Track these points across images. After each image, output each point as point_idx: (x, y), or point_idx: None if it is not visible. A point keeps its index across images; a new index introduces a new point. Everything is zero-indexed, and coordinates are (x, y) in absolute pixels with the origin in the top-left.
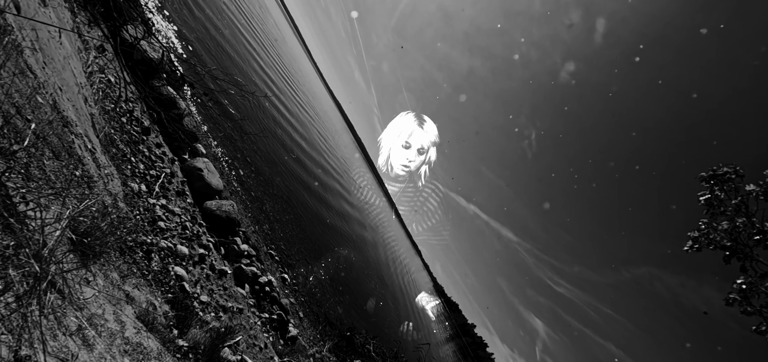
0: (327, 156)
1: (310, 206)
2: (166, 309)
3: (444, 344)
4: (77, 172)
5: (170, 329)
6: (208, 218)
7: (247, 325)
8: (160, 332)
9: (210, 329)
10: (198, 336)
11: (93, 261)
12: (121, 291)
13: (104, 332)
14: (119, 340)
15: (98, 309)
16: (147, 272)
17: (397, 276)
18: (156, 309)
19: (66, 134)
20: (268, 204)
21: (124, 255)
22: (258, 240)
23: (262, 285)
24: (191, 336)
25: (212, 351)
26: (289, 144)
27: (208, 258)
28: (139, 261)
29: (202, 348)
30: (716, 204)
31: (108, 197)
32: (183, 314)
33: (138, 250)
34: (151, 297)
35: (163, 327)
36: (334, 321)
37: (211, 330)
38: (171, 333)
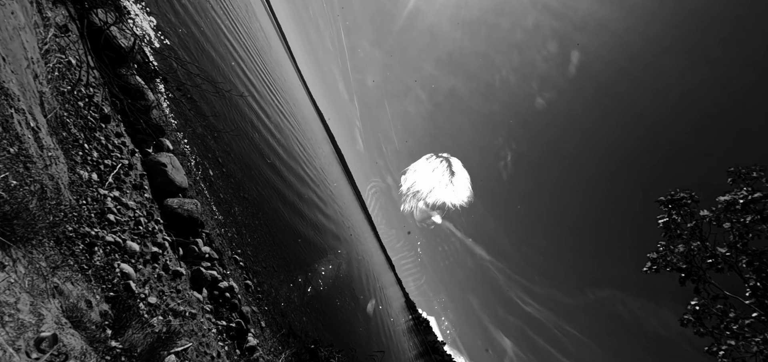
0: (305, 165)
1: (283, 214)
2: (105, 309)
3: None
4: (12, 149)
5: (103, 329)
6: (168, 216)
7: (200, 332)
8: (90, 331)
9: (150, 332)
10: (136, 339)
11: (15, 245)
12: (48, 283)
13: (11, 322)
14: (31, 333)
15: (10, 297)
16: (87, 266)
17: (369, 291)
18: (91, 306)
19: (3, 107)
20: (238, 208)
21: (61, 245)
22: (222, 244)
23: (222, 290)
24: (127, 338)
25: (151, 355)
26: (266, 149)
27: (162, 258)
28: (78, 254)
29: (138, 351)
30: (673, 228)
31: (48, 180)
32: (124, 315)
33: (78, 242)
34: (86, 293)
35: (95, 326)
36: (298, 333)
37: (151, 333)
38: (103, 333)
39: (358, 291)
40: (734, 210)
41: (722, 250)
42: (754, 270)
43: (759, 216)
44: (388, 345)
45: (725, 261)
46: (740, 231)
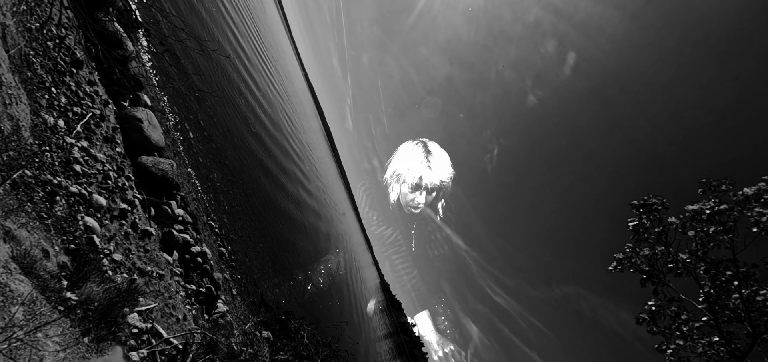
0: (291, 139)
1: (264, 186)
2: (64, 260)
3: (382, 340)
4: None
5: (59, 279)
6: (141, 174)
7: (167, 293)
8: (43, 279)
9: (111, 288)
10: (94, 293)
11: None
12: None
13: None
14: None
15: None
16: (46, 215)
17: (346, 270)
18: (48, 255)
19: None
20: (217, 174)
21: (18, 190)
22: (198, 209)
23: (194, 255)
24: (85, 291)
25: (109, 310)
26: (251, 118)
27: (131, 216)
28: (37, 202)
29: (96, 305)
30: (641, 231)
31: (6, 120)
32: (85, 268)
33: (38, 189)
34: (44, 242)
35: (50, 275)
36: (270, 303)
37: (111, 288)
38: (58, 283)
39: (335, 270)
40: (700, 219)
41: (684, 256)
42: (709, 277)
43: (722, 227)
44: (359, 323)
45: (685, 266)
46: (703, 240)
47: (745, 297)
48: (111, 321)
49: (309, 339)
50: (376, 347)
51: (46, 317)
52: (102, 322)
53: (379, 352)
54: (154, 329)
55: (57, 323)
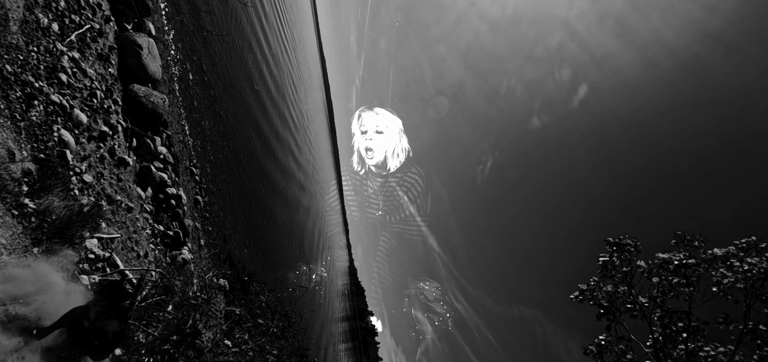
0: (291, 106)
1: (255, 146)
2: (30, 167)
3: (340, 321)
4: None
5: (19, 184)
6: (130, 102)
7: (133, 227)
8: (1, 178)
9: (73, 205)
10: (55, 206)
11: None
12: None
13: None
14: None
15: None
16: (20, 117)
17: (318, 248)
18: (13, 158)
19: None
20: (208, 122)
21: None
22: (182, 152)
23: (169, 196)
24: (46, 203)
25: (66, 227)
26: (256, 76)
27: (111, 141)
28: (13, 101)
29: (53, 218)
30: (610, 268)
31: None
32: (50, 181)
33: (16, 88)
34: (12, 143)
35: (11, 177)
36: (236, 262)
37: (74, 206)
38: (18, 187)
39: (308, 244)
40: (667, 268)
41: (643, 300)
42: (662, 324)
43: (685, 280)
44: (319, 301)
45: (642, 310)
46: (664, 288)
47: (689, 350)
48: (67, 239)
49: (267, 304)
50: (331, 327)
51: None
52: (57, 237)
53: (334, 333)
54: (112, 259)
55: (7, 225)
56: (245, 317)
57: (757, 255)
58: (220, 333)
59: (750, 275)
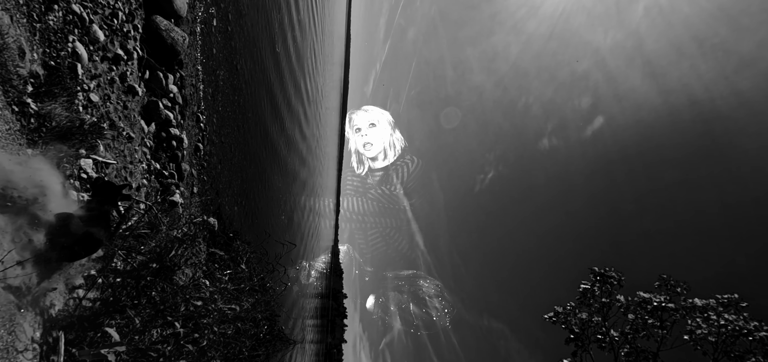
0: (308, 78)
1: (264, 108)
2: (38, 70)
3: (313, 298)
4: None
5: (25, 82)
6: (151, 33)
7: (130, 158)
8: (7, 71)
9: (75, 118)
10: (56, 113)
11: None
12: None
13: None
14: None
15: None
16: (38, 19)
17: (306, 224)
18: (23, 56)
19: None
20: (223, 73)
21: None
22: (192, 96)
23: (171, 136)
24: (47, 107)
25: (64, 137)
26: (279, 38)
27: (123, 66)
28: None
29: (52, 124)
30: (589, 296)
31: None
32: (56, 88)
33: None
34: (24, 42)
35: (17, 74)
36: (224, 217)
37: (75, 118)
38: (23, 85)
39: (298, 216)
40: (645, 308)
41: (615, 334)
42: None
43: (659, 323)
44: (298, 275)
45: (612, 343)
46: (638, 326)
47: None
48: (62, 150)
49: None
50: (304, 302)
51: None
52: (53, 145)
53: (306, 307)
54: None
55: (5, 119)
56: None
57: (736, 313)
58: (200, 272)
59: (724, 331)
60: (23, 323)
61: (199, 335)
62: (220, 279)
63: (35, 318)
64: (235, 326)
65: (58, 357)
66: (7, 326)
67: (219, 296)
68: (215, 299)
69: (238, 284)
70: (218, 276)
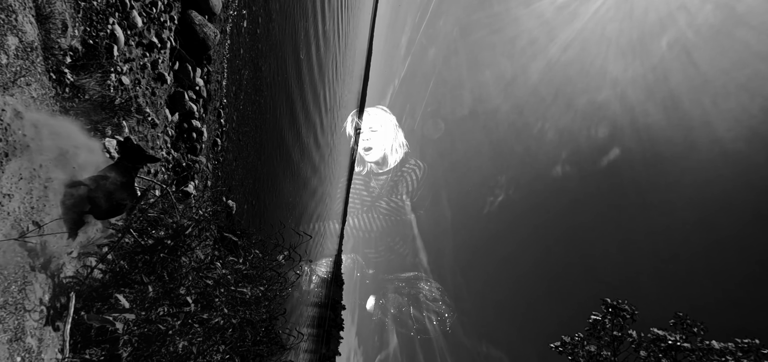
0: (328, 88)
1: (281, 112)
2: (77, 45)
3: (312, 306)
4: None
5: (65, 54)
6: (185, 26)
7: (151, 144)
8: (50, 41)
9: (107, 94)
10: (90, 86)
11: None
12: None
13: None
14: None
15: None
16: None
17: (313, 231)
18: (65, 30)
19: None
20: (248, 73)
21: None
22: (217, 91)
23: (192, 128)
24: (82, 80)
25: (96, 111)
26: (304, 46)
27: (156, 54)
28: None
29: (85, 97)
30: (599, 329)
31: None
32: (92, 63)
33: None
34: (67, 17)
35: (58, 46)
36: (234, 215)
37: (107, 96)
38: (62, 56)
39: (306, 221)
40: (658, 346)
41: None
42: None
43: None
44: (300, 285)
45: None
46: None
47: None
48: (92, 123)
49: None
50: (303, 309)
51: (36, 69)
52: (83, 116)
53: (303, 315)
54: None
55: (43, 84)
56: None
57: (757, 360)
58: (213, 254)
59: None
60: (34, 283)
61: (208, 316)
62: (234, 262)
63: (46, 281)
64: (242, 313)
65: (67, 317)
66: (19, 283)
67: (232, 277)
68: (228, 280)
69: (252, 268)
70: (231, 258)
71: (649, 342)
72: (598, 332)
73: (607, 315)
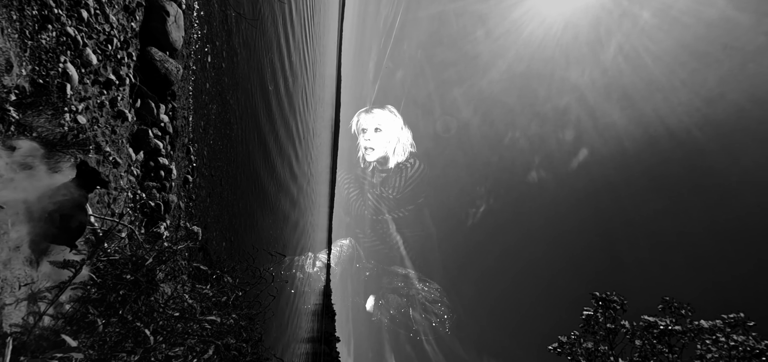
0: (299, 118)
1: (253, 147)
2: (25, 85)
3: (304, 342)
4: None
5: (9, 91)
6: (145, 62)
7: (114, 184)
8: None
9: (58, 132)
10: (38, 125)
11: None
12: None
13: None
14: None
15: None
16: (30, 37)
17: (296, 267)
18: (11, 69)
19: None
20: (216, 108)
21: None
22: (184, 128)
23: (160, 166)
24: (31, 118)
25: (46, 148)
26: (270, 77)
27: (115, 91)
28: (27, 17)
29: (33, 135)
30: (593, 324)
31: None
32: (43, 105)
33: (34, 4)
34: (12, 55)
35: (1, 84)
36: (211, 254)
37: (58, 132)
38: (6, 93)
39: (290, 257)
40: (651, 332)
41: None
42: None
43: (668, 347)
44: (289, 319)
45: None
46: (646, 353)
47: None
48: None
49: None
50: (294, 347)
51: None
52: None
53: (297, 353)
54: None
55: None
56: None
57: (744, 333)
58: (182, 287)
59: (735, 354)
60: None
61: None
62: (201, 289)
63: None
64: (215, 345)
65: None
66: None
67: (198, 306)
68: (194, 309)
69: (221, 295)
70: (198, 287)
71: (642, 330)
72: (593, 327)
73: (599, 309)
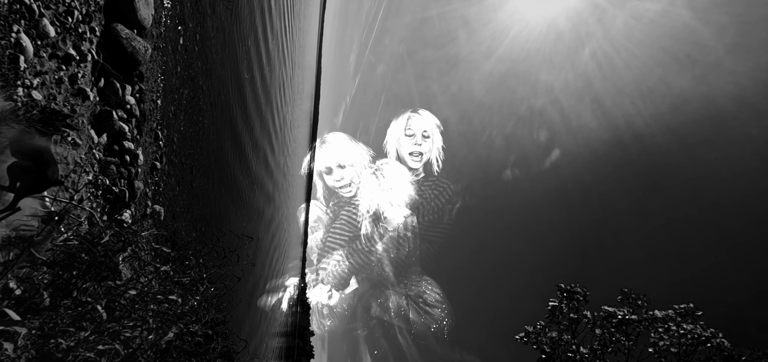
0: (275, 111)
1: (226, 139)
2: None
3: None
4: None
5: None
6: (110, 40)
7: (73, 166)
8: None
9: (11, 107)
10: None
11: None
12: None
13: None
14: None
15: None
16: None
17: (270, 266)
18: None
19: None
20: (187, 92)
21: None
22: (152, 111)
23: (125, 150)
24: None
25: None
26: (246, 66)
27: (74, 67)
28: None
29: None
30: (557, 314)
31: None
32: None
33: None
34: None
35: None
36: (180, 243)
37: (11, 108)
38: None
39: (263, 253)
40: (610, 322)
41: (584, 350)
42: None
43: (625, 336)
44: (261, 317)
45: (582, 360)
46: (606, 341)
47: None
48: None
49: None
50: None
51: None
52: None
53: (270, 347)
54: None
55: None
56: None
57: (693, 323)
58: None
59: (684, 341)
60: None
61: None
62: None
63: None
64: (177, 327)
65: None
66: None
67: (157, 286)
68: (152, 287)
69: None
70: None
71: (602, 320)
72: (557, 317)
73: (563, 300)
